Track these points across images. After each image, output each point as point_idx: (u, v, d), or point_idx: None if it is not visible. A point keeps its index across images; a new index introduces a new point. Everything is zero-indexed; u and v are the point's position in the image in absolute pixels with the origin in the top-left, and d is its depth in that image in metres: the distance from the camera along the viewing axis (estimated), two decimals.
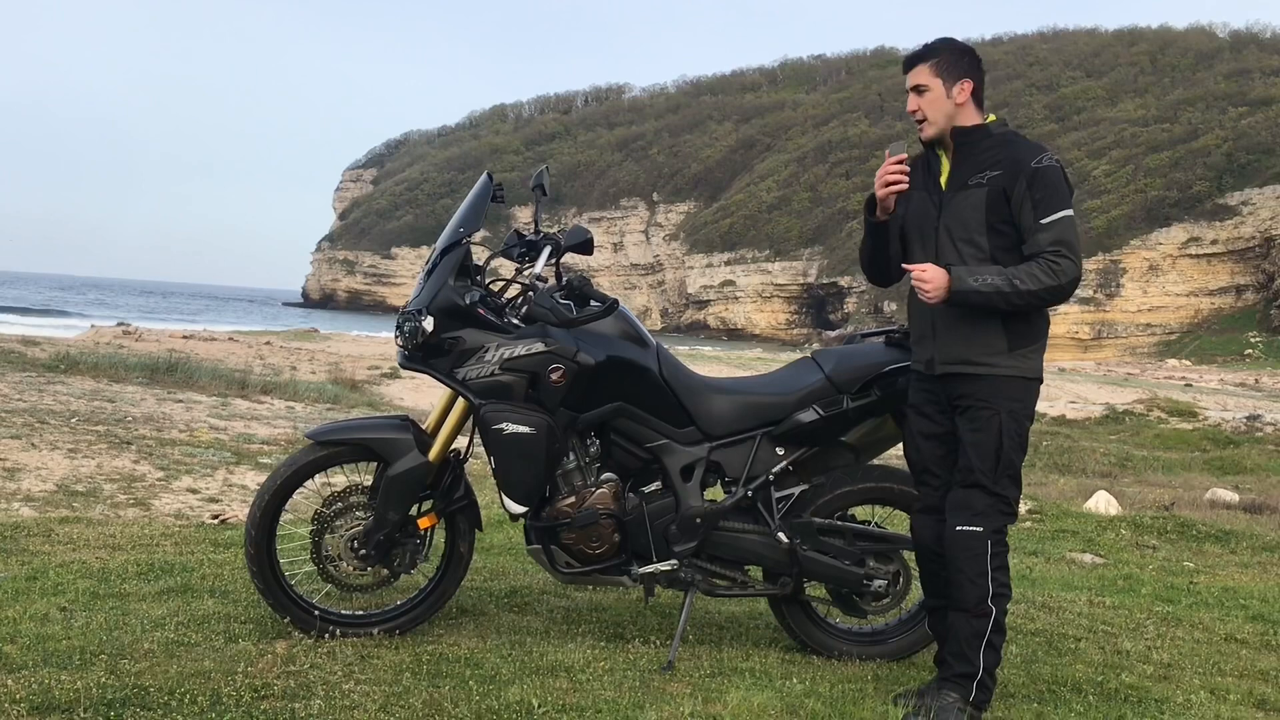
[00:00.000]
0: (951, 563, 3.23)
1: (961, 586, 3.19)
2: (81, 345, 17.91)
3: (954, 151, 3.24)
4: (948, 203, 3.21)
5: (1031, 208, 3.09)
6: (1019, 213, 3.11)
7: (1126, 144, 74.33)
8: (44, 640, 3.27)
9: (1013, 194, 3.11)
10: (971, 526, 3.18)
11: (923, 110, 3.22)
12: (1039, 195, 3.08)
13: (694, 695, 3.20)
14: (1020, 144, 3.19)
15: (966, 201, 3.17)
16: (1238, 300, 65.77)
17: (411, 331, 3.46)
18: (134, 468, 7.50)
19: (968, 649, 3.17)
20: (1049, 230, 3.07)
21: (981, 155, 3.18)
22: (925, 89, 3.21)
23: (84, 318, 51.90)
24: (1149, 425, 17.60)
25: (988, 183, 3.14)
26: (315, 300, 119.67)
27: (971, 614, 3.17)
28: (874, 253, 3.44)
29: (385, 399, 15.69)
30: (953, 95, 3.19)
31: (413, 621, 3.66)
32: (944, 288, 3.09)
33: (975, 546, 3.17)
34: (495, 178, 3.73)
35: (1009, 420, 3.17)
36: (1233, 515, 8.40)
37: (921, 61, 3.22)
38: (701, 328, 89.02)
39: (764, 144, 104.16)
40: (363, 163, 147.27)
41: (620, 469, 3.65)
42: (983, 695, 3.17)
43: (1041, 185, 3.09)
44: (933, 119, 3.21)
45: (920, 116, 3.23)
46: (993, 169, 3.14)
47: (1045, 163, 3.11)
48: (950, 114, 3.20)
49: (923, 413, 3.38)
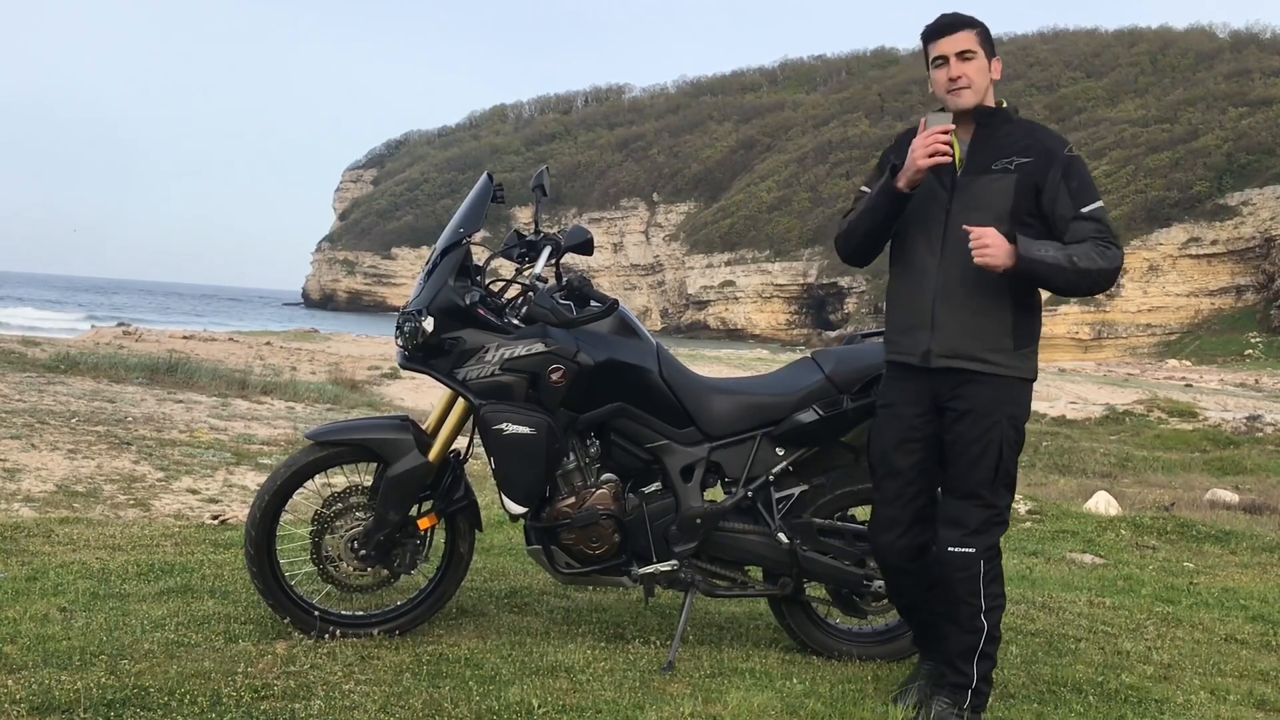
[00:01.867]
0: (944, 581, 3.11)
1: (955, 605, 3.09)
2: (81, 345, 17.92)
3: (974, 132, 3.08)
4: (963, 186, 3.04)
5: (1069, 197, 2.98)
6: (1052, 202, 2.99)
7: (1126, 144, 74.29)
8: (44, 640, 3.27)
9: (1045, 184, 2.99)
10: (964, 548, 3.05)
11: (969, 76, 3.02)
12: (1075, 184, 2.98)
13: (694, 695, 3.20)
14: (1045, 131, 3.09)
15: (991, 187, 3.01)
16: (1238, 300, 65.72)
17: (411, 332, 3.46)
18: (134, 468, 7.50)
19: (960, 661, 3.10)
20: (1091, 219, 2.97)
21: (1004, 140, 3.04)
22: (972, 55, 3.03)
23: (84, 316, 51.88)
24: (1149, 426, 17.58)
25: (1016, 169, 3.00)
26: (315, 301, 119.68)
27: (964, 630, 3.09)
28: (876, 227, 3.15)
29: (385, 399, 15.69)
30: (991, 70, 3.06)
31: (413, 622, 3.65)
32: (1008, 253, 2.89)
33: (969, 567, 3.05)
34: (495, 178, 3.73)
35: (1009, 428, 3.05)
36: (1233, 516, 8.40)
37: (968, 28, 3.04)
38: (701, 328, 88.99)
39: (764, 144, 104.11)
40: (363, 163, 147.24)
41: (620, 469, 3.65)
42: (978, 700, 3.13)
43: (1077, 174, 3.00)
44: (977, 87, 3.02)
45: (965, 83, 3.02)
46: (1021, 155, 3.01)
47: (1074, 152, 3.03)
48: (987, 88, 3.05)
49: (899, 415, 3.17)
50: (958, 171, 3.06)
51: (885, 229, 3.16)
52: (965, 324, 3.04)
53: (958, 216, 3.02)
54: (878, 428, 3.25)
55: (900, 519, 3.19)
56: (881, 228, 3.15)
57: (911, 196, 3.07)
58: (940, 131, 2.96)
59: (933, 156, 2.95)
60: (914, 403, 3.14)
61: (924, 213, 3.09)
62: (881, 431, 3.22)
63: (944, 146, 2.95)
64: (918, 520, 3.19)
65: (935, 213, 3.08)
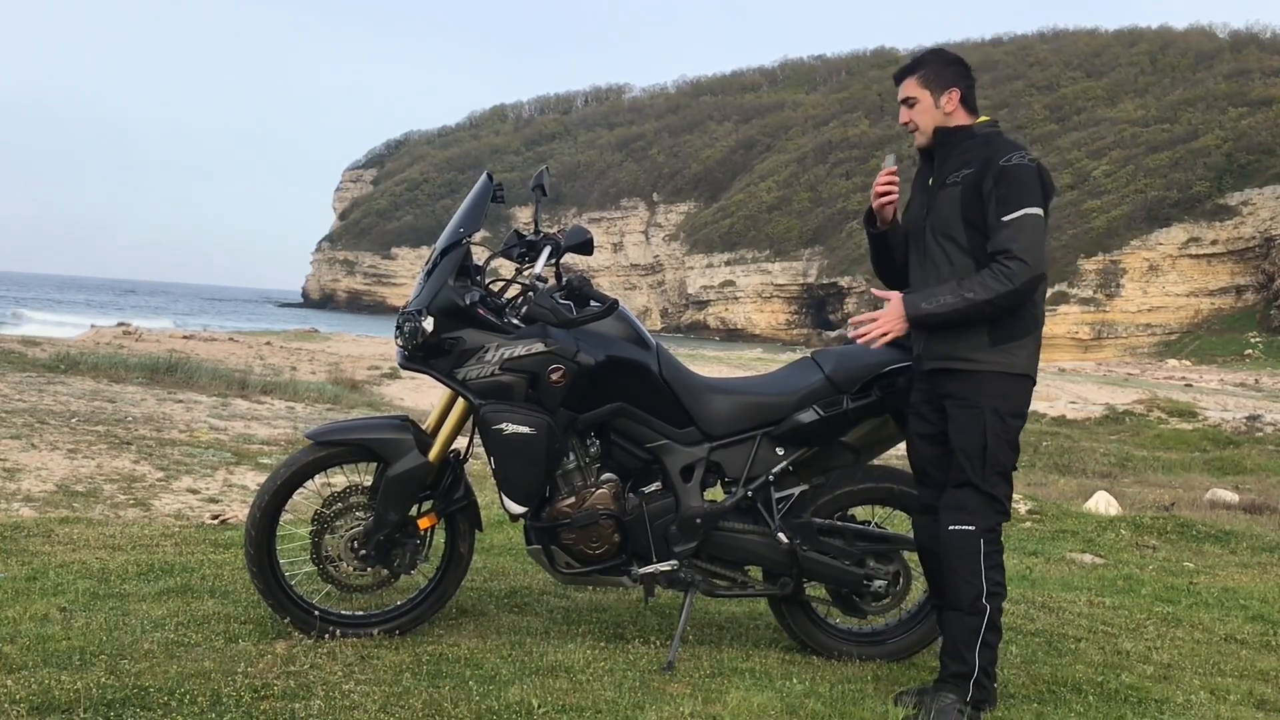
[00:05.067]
0: (945, 562, 3.25)
1: (955, 586, 3.21)
2: (81, 345, 17.91)
3: (937, 152, 3.34)
4: (932, 201, 3.31)
5: (995, 204, 3.13)
6: (986, 209, 3.16)
7: (1126, 144, 74.34)
8: (44, 640, 3.27)
9: (983, 190, 3.17)
10: (963, 525, 3.20)
11: (914, 120, 3.35)
12: (1002, 192, 3.12)
13: (694, 695, 3.20)
14: (997, 142, 3.25)
15: (946, 199, 3.25)
16: (1238, 300, 65.76)
17: (411, 332, 3.46)
18: (134, 468, 7.50)
19: (963, 648, 3.19)
20: (1006, 228, 3.11)
21: (961, 154, 3.26)
22: (914, 100, 3.33)
23: (83, 316, 51.90)
24: (1149, 425, 17.58)
25: (961, 180, 3.22)
26: (315, 300, 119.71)
27: (965, 612, 3.19)
28: (879, 260, 3.57)
29: (385, 399, 15.69)
30: (941, 105, 3.30)
31: (413, 622, 3.65)
32: (899, 318, 3.19)
33: (968, 545, 3.19)
34: (495, 178, 3.73)
35: (993, 418, 3.18)
36: (1233, 515, 8.40)
37: (909, 75, 3.35)
38: (701, 328, 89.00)
39: (764, 144, 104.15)
40: (363, 163, 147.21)
41: (620, 469, 3.65)
42: (980, 694, 3.18)
43: (1006, 182, 3.13)
44: (923, 128, 3.33)
45: (912, 127, 3.36)
46: (967, 166, 3.22)
47: (1015, 161, 3.15)
48: (941, 122, 3.31)
49: (919, 412, 3.41)
50: None
51: (889, 261, 3.53)
52: (944, 329, 3.23)
53: (930, 230, 3.31)
54: (910, 425, 3.49)
55: (929, 504, 3.40)
56: (884, 260, 3.55)
57: (890, 233, 3.46)
58: (887, 173, 3.38)
59: (881, 198, 3.38)
60: (926, 403, 3.38)
61: (913, 227, 3.40)
62: (911, 428, 3.48)
63: (887, 188, 3.37)
64: None
65: (917, 227, 3.38)
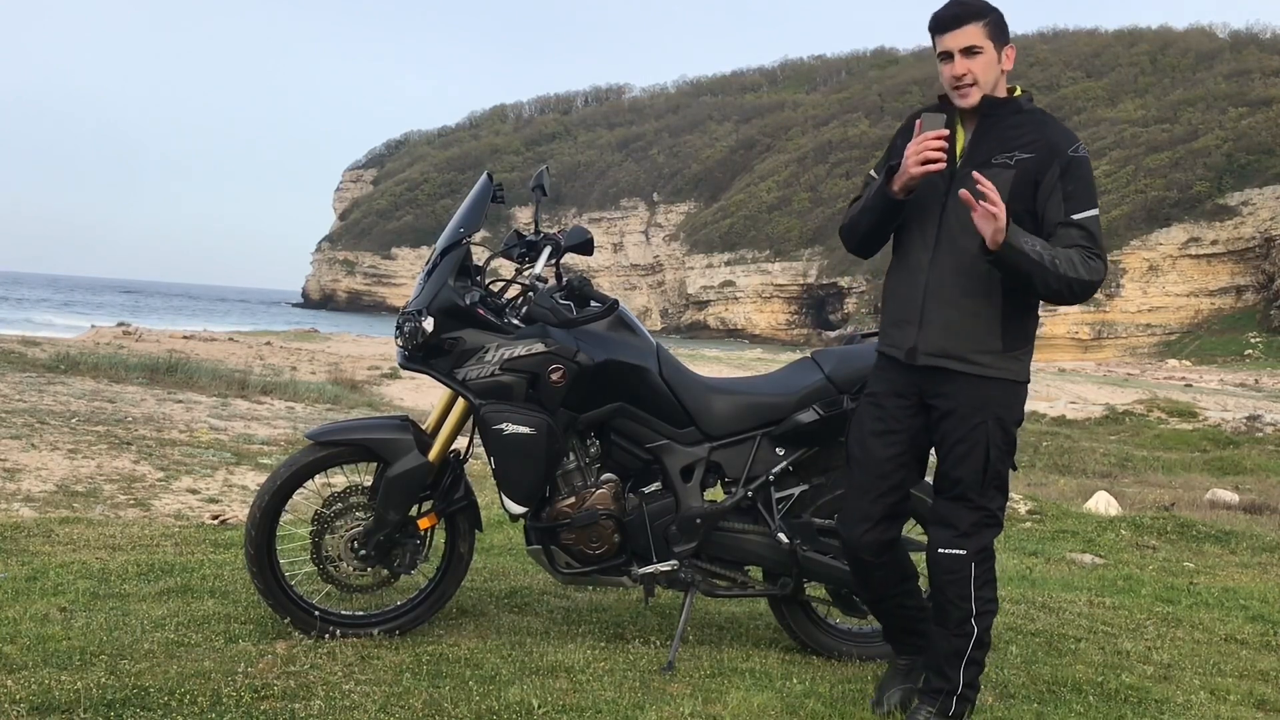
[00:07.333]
0: (932, 582, 3.04)
1: (943, 607, 3.01)
2: (81, 345, 17.91)
3: (977, 123, 2.94)
4: (962, 180, 2.85)
5: (1062, 199, 2.84)
6: (1045, 202, 2.85)
7: (1126, 144, 74.31)
8: (44, 640, 3.27)
9: (1043, 181, 2.85)
10: (955, 550, 2.97)
11: (974, 74, 2.87)
12: (1072, 188, 2.84)
13: (694, 695, 3.20)
14: (1054, 126, 2.93)
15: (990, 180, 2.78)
16: (1238, 300, 65.76)
17: (411, 332, 3.46)
18: (134, 468, 7.50)
19: (946, 666, 3.01)
20: (1081, 228, 2.83)
21: (1009, 132, 2.90)
22: (979, 51, 2.86)
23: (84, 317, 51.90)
24: (1149, 425, 17.58)
25: (1016, 165, 2.86)
26: (315, 301, 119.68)
27: (952, 633, 3.00)
28: (875, 228, 3.06)
29: (385, 399, 15.69)
30: (1002, 61, 2.90)
31: (413, 622, 3.65)
32: (1001, 230, 2.72)
33: (959, 570, 2.97)
34: (495, 178, 3.73)
35: (996, 429, 2.93)
36: (1233, 516, 8.40)
37: (975, 20, 2.86)
38: (701, 328, 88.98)
39: (764, 144, 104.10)
40: (363, 163, 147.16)
41: (620, 469, 3.65)
42: (962, 707, 3.04)
43: (1075, 177, 2.85)
44: (983, 84, 2.88)
45: (970, 80, 2.87)
46: (1023, 150, 2.87)
47: (1081, 152, 2.87)
48: (996, 81, 2.91)
49: (880, 404, 3.07)
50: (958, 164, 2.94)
51: (883, 231, 3.07)
52: (953, 323, 2.93)
53: (953, 212, 2.89)
54: (858, 417, 3.15)
55: (871, 513, 3.08)
56: (879, 230, 3.07)
57: (907, 202, 2.96)
58: (934, 138, 2.83)
59: (925, 165, 2.84)
60: (898, 395, 3.05)
61: (921, 206, 2.97)
62: (862, 421, 3.13)
63: (936, 154, 2.83)
64: (888, 516, 3.09)
65: (932, 207, 2.96)
